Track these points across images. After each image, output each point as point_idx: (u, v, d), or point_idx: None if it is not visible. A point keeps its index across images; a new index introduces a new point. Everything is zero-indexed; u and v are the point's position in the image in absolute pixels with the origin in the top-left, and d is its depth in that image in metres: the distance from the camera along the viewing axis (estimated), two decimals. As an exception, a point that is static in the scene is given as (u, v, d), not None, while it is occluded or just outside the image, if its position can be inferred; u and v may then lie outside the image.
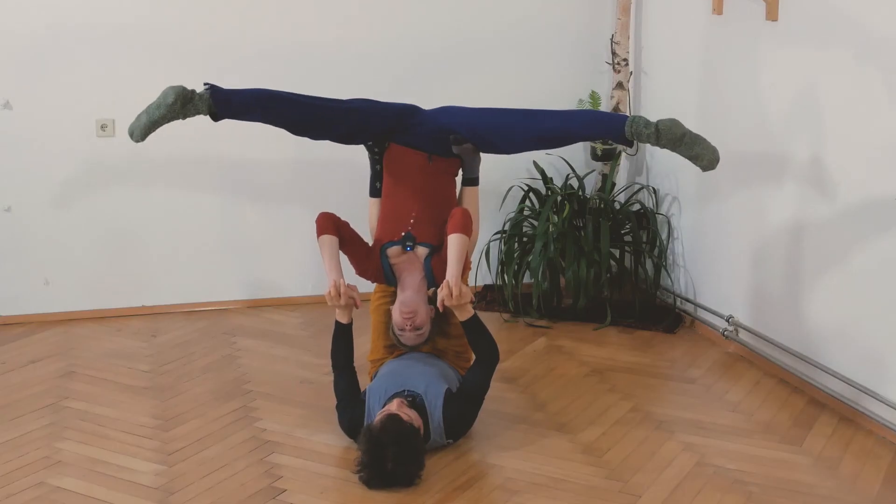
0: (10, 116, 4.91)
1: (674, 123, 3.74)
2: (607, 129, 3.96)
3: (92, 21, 4.92)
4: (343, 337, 3.87)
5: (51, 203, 5.03)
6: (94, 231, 5.11)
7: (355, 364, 3.85)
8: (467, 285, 3.83)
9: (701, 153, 3.74)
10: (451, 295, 3.66)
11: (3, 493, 3.38)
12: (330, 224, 3.86)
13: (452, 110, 4.06)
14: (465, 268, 4.01)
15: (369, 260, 3.93)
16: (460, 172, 4.12)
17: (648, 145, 5.46)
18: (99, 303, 5.17)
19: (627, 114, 3.81)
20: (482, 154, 4.10)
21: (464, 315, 3.76)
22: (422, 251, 3.90)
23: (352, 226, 3.97)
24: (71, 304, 5.13)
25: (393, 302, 3.93)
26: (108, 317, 5.17)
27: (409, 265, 3.90)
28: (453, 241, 3.76)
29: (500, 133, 3.99)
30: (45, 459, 3.63)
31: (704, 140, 3.75)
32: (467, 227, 3.79)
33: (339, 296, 3.76)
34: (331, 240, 3.83)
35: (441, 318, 3.94)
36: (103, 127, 5.03)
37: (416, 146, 3.98)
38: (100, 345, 4.80)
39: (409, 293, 3.83)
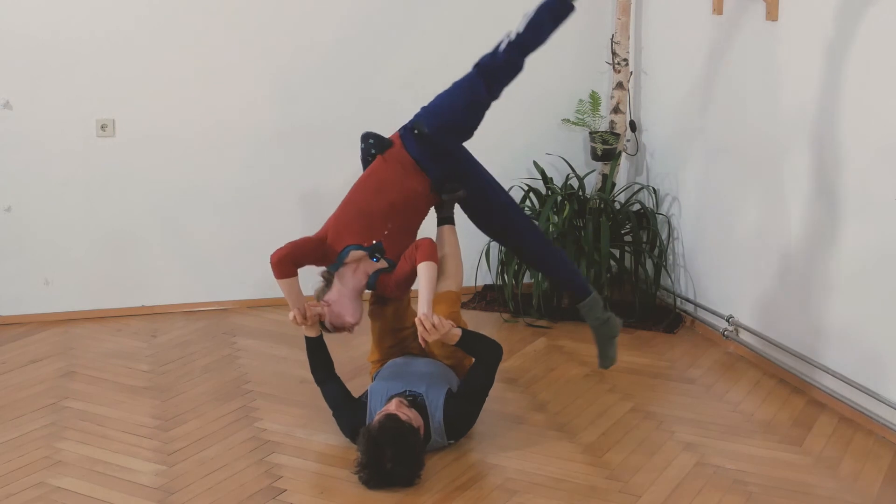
0: (10, 116, 4.91)
1: (618, 325, 4.15)
2: (576, 286, 4.12)
3: (92, 21, 4.93)
4: (318, 350, 3.86)
5: (51, 203, 5.03)
6: (94, 231, 5.11)
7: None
8: (453, 317, 3.86)
9: (611, 356, 4.13)
10: (427, 331, 3.60)
11: (3, 493, 3.38)
12: (288, 267, 3.72)
13: (481, 171, 4.04)
14: (454, 300, 4.00)
15: (325, 260, 3.82)
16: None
17: (648, 146, 5.46)
18: (99, 303, 5.17)
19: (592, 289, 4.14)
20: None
21: (452, 340, 3.73)
22: (380, 265, 3.83)
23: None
24: (71, 304, 5.13)
25: (386, 306, 3.95)
26: (108, 317, 5.17)
27: (359, 269, 3.82)
28: (423, 270, 3.69)
29: (515, 230, 4.04)
30: (45, 459, 3.63)
31: (615, 353, 4.16)
32: (435, 256, 3.76)
33: (306, 318, 3.77)
34: (290, 282, 3.74)
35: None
36: (103, 127, 5.03)
37: (429, 171, 3.90)
38: (100, 345, 4.80)
39: (345, 300, 3.80)
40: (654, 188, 5.40)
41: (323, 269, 3.88)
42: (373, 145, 3.95)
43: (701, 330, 5.06)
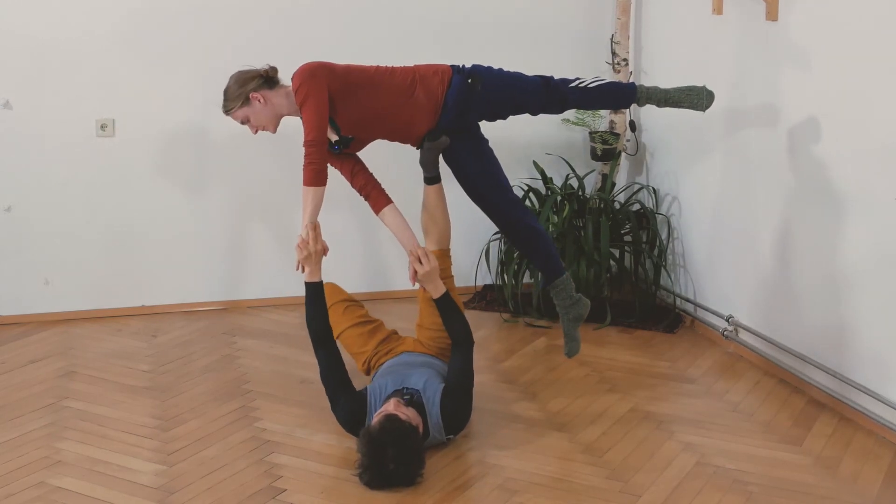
0: (10, 116, 4.91)
1: (587, 306, 4.20)
2: (549, 266, 4.15)
3: (92, 21, 4.93)
4: (319, 300, 3.76)
5: (51, 203, 5.03)
6: (94, 231, 5.11)
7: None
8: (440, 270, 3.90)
9: (576, 339, 4.22)
10: (421, 262, 3.74)
11: (3, 493, 3.38)
12: (324, 176, 3.74)
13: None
14: (442, 257, 4.04)
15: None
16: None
17: (648, 146, 5.46)
18: (99, 303, 5.17)
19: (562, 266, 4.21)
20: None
21: (436, 292, 3.80)
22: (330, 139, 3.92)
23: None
24: (71, 304, 5.13)
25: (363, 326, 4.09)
26: (108, 317, 5.17)
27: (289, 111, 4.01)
28: (391, 213, 3.94)
29: (500, 191, 4.07)
30: (45, 459, 3.63)
31: (580, 338, 4.25)
32: (386, 195, 3.96)
33: (310, 244, 3.70)
34: (319, 192, 3.72)
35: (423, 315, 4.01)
36: (103, 127, 5.03)
37: (445, 111, 3.94)
38: (100, 345, 4.80)
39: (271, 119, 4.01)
40: (654, 188, 5.40)
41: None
42: (337, 142, 4.00)
43: (701, 330, 5.06)
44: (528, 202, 5.33)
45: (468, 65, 4.04)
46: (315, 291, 3.77)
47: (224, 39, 5.10)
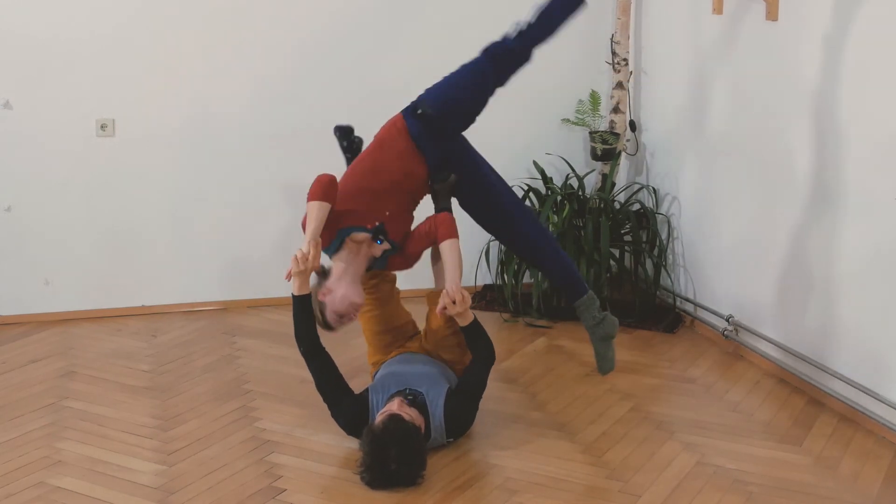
0: (10, 116, 4.91)
1: (615, 324, 4.06)
2: (570, 285, 4.06)
3: (92, 21, 4.92)
4: (306, 310, 3.72)
5: (51, 203, 5.03)
6: (94, 231, 5.11)
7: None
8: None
9: (609, 357, 4.06)
10: (455, 303, 3.65)
11: (3, 493, 3.38)
12: (332, 191, 3.65)
13: (480, 159, 4.02)
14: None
15: (325, 231, 3.71)
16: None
17: (648, 146, 5.46)
18: (99, 303, 5.17)
19: (587, 287, 4.08)
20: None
21: (465, 321, 3.76)
22: (384, 247, 3.80)
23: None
24: (71, 304, 5.13)
25: (376, 308, 3.96)
26: (108, 317, 5.17)
27: (360, 252, 3.77)
28: (449, 247, 3.73)
29: (507, 217, 3.97)
30: (45, 459, 3.63)
31: (615, 353, 4.10)
32: (456, 231, 3.78)
33: (308, 260, 3.61)
34: (324, 208, 3.63)
35: (435, 333, 3.95)
36: (103, 127, 5.03)
37: (427, 154, 3.89)
38: (100, 345, 4.80)
39: (345, 282, 3.69)
40: (654, 188, 5.40)
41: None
42: (338, 137, 3.95)
43: (701, 330, 5.06)
44: (528, 202, 5.33)
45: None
46: (302, 304, 3.73)
47: (224, 40, 5.10)
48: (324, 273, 3.78)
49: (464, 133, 4.02)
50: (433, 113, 3.85)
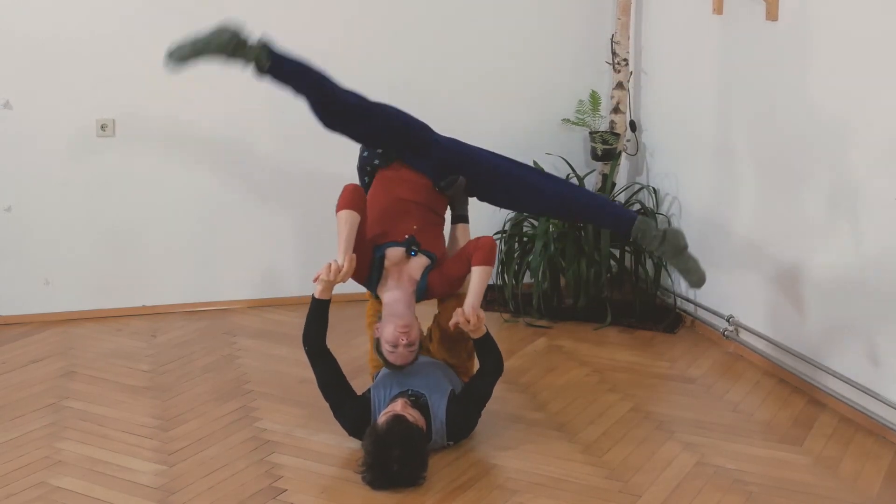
0: (10, 116, 4.91)
1: (680, 234, 3.92)
2: (616, 221, 3.98)
3: (92, 21, 4.92)
4: (322, 315, 3.70)
5: (51, 203, 5.02)
6: (94, 231, 5.11)
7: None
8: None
9: (693, 269, 3.93)
10: (469, 323, 3.64)
11: (3, 493, 3.38)
12: (359, 200, 3.64)
13: (469, 147, 4.01)
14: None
15: (359, 253, 3.68)
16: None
17: (648, 146, 5.46)
18: (99, 303, 5.17)
19: (636, 211, 3.87)
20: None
21: (477, 334, 3.76)
22: (422, 261, 3.80)
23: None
24: (71, 304, 5.12)
25: (378, 304, 3.91)
26: (108, 317, 5.16)
27: (402, 274, 3.78)
28: (480, 273, 3.73)
29: (526, 188, 3.93)
30: (45, 459, 3.63)
31: (698, 261, 3.95)
32: (493, 259, 3.78)
33: (340, 274, 3.58)
34: (353, 217, 3.61)
35: (446, 338, 3.93)
36: (103, 127, 5.03)
37: (422, 170, 3.92)
38: (100, 345, 4.80)
39: (401, 307, 3.68)
40: (654, 188, 5.40)
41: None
42: (378, 155, 3.95)
43: (701, 330, 5.06)
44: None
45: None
46: (320, 308, 3.71)
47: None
48: (378, 316, 3.76)
49: (456, 137, 4.05)
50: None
